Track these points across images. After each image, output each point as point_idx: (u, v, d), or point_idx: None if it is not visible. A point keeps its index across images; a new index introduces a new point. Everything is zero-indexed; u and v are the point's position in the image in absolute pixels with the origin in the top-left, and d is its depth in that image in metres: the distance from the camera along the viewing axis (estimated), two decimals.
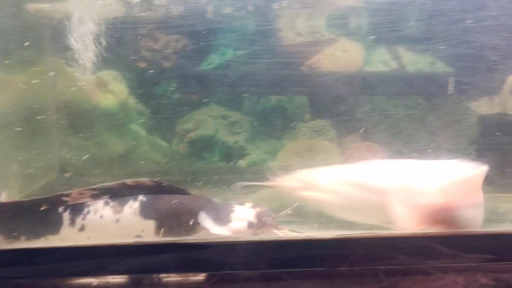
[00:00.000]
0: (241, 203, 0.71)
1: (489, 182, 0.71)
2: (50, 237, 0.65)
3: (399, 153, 0.95)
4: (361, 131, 1.01)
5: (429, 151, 0.92)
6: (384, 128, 1.03)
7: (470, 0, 0.87)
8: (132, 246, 0.57)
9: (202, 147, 1.06)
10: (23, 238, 0.64)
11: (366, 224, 0.68)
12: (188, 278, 0.59)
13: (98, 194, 0.67)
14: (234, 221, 0.68)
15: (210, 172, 1.02)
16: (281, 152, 1.08)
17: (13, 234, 0.64)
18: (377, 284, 0.56)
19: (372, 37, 1.01)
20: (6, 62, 0.90)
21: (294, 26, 1.01)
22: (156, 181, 0.69)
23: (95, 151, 1.02)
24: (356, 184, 0.75)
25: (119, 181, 0.69)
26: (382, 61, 1.05)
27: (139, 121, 1.04)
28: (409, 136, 1.03)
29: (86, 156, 1.00)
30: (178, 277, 0.59)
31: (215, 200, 0.72)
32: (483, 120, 0.96)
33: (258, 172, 1.05)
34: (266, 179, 0.83)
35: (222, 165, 1.06)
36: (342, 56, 1.04)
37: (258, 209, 0.70)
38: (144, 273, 0.57)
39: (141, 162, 1.04)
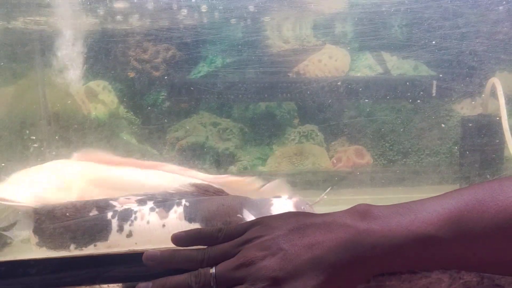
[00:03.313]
0: (278, 196, 0.72)
1: (469, 182, 0.74)
2: (99, 244, 0.65)
3: None
4: (348, 135, 1.04)
5: None
6: (370, 131, 1.05)
7: (448, 8, 0.90)
8: (126, 255, 0.58)
9: (193, 154, 1.07)
10: (72, 246, 0.64)
11: None
12: None
13: (143, 199, 0.69)
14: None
15: None
16: (271, 157, 1.09)
17: (62, 242, 0.64)
18: (365, 284, 0.57)
19: (357, 43, 1.03)
20: None
21: (281, 34, 1.03)
22: (195, 184, 0.71)
23: None
24: None
25: (162, 190, 0.71)
26: (367, 66, 1.07)
27: (130, 130, 1.05)
28: (395, 138, 1.05)
29: None
30: None
31: (252, 198, 0.72)
32: (465, 121, 0.99)
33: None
34: None
35: (213, 172, 1.07)
36: (328, 62, 1.06)
37: (295, 199, 0.71)
38: (138, 280, 0.58)
39: None
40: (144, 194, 0.70)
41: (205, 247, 0.54)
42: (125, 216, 0.67)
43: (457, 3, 0.88)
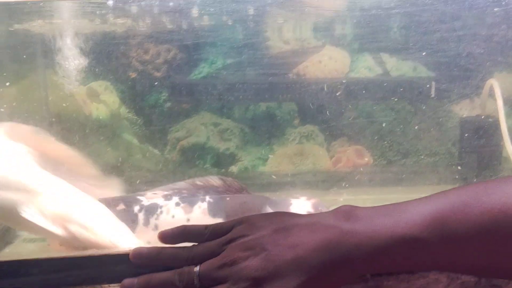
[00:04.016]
0: (297, 197, 0.74)
1: (467, 182, 0.75)
2: None
3: None
4: (348, 135, 1.04)
5: None
6: (370, 131, 1.06)
7: (445, 11, 0.91)
8: (127, 255, 0.59)
9: (194, 154, 1.08)
10: None
11: None
12: None
13: (169, 194, 0.70)
14: None
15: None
16: (271, 158, 1.10)
17: None
18: (364, 283, 0.58)
19: (356, 45, 1.04)
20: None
21: (281, 35, 1.04)
22: (222, 179, 0.73)
23: (88, 161, 1.04)
24: None
25: (190, 180, 0.73)
26: (367, 67, 1.07)
27: (131, 131, 1.06)
28: (394, 138, 1.06)
29: None
30: None
31: (272, 197, 0.74)
32: (463, 122, 1.00)
33: (249, 178, 1.07)
34: None
35: (214, 172, 1.08)
36: (328, 63, 1.07)
37: (313, 201, 0.73)
38: None
39: (137, 171, 1.05)
40: (171, 188, 0.71)
41: (192, 245, 0.54)
42: (151, 210, 0.69)
43: (454, 6, 0.89)
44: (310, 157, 1.09)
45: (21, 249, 0.74)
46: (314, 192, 1.04)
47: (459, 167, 1.00)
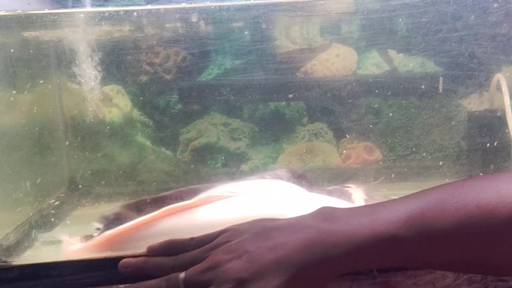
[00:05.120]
0: (347, 186, 0.75)
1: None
2: None
3: None
4: (356, 132, 1.05)
5: None
6: (380, 127, 1.06)
7: (447, 12, 0.90)
8: (140, 256, 0.61)
9: (205, 154, 1.09)
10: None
11: None
12: None
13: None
14: (357, 202, 0.70)
15: (214, 178, 1.05)
16: (281, 156, 1.11)
17: None
18: (371, 280, 0.59)
19: (362, 43, 1.04)
20: (17, 85, 0.95)
21: (288, 34, 1.05)
22: (290, 170, 0.74)
23: (102, 163, 1.06)
24: None
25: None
26: (375, 64, 1.08)
27: (144, 133, 1.08)
28: (404, 134, 1.06)
29: (95, 169, 1.04)
30: None
31: (328, 188, 0.76)
32: (472, 117, 1.00)
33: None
34: None
35: (226, 171, 1.10)
36: (336, 61, 1.07)
37: (363, 187, 0.74)
38: None
39: (150, 173, 1.08)
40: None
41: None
42: None
43: (456, 7, 0.89)
44: (320, 155, 1.10)
45: (40, 253, 0.76)
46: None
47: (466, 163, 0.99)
